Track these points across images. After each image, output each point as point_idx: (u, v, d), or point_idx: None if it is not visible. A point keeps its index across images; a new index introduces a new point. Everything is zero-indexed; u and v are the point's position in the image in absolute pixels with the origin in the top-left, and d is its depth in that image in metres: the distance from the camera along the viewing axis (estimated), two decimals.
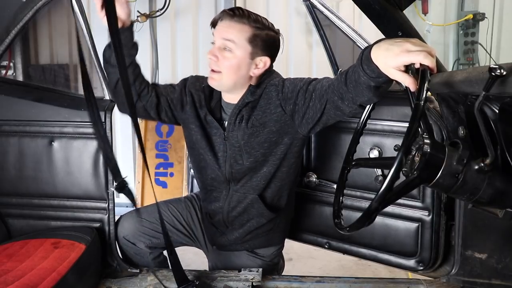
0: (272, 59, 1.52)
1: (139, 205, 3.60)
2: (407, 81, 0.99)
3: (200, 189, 1.76)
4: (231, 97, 1.54)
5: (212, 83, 1.49)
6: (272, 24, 1.51)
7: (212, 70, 1.47)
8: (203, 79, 1.60)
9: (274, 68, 1.59)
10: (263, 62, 1.48)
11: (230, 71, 1.45)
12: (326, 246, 1.83)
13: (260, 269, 1.64)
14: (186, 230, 1.78)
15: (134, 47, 1.52)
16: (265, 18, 1.50)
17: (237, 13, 1.44)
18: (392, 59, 1.01)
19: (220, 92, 1.58)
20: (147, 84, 1.59)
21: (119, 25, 1.39)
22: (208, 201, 1.69)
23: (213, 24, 1.48)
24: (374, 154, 1.65)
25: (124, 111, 1.59)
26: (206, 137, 1.58)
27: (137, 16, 3.65)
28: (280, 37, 1.53)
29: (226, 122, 1.55)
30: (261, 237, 1.67)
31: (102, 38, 1.48)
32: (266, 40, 1.46)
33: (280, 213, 1.65)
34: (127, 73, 1.30)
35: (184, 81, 1.64)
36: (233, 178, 1.58)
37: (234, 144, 1.53)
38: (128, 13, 1.45)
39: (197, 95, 1.59)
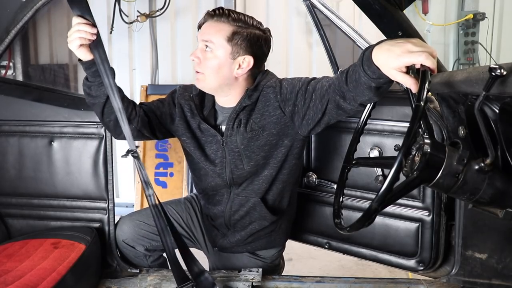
0: (258, 58, 1.45)
1: (139, 207, 3.61)
2: (409, 82, 0.99)
3: (200, 194, 1.75)
4: (226, 101, 1.52)
5: (198, 84, 1.48)
6: (260, 23, 1.46)
7: (197, 72, 1.46)
8: (192, 88, 1.58)
9: (274, 68, 1.58)
10: (246, 62, 1.43)
11: (212, 72, 1.43)
12: (326, 246, 1.83)
13: (260, 269, 1.64)
14: (186, 232, 1.77)
15: (111, 72, 1.39)
16: (251, 17, 1.45)
17: (217, 13, 1.42)
18: (394, 60, 1.00)
19: (213, 99, 1.56)
20: (133, 105, 1.53)
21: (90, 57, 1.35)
22: (209, 205, 1.68)
23: (199, 26, 1.47)
24: (374, 154, 1.65)
25: (120, 137, 1.53)
26: (200, 148, 1.56)
27: (137, 16, 3.66)
28: (270, 36, 1.48)
29: (224, 127, 1.53)
30: (263, 239, 1.66)
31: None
32: (248, 39, 1.41)
33: (282, 214, 1.65)
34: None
35: (172, 93, 1.63)
36: (234, 183, 1.57)
37: (234, 149, 1.51)
38: (86, 51, 1.34)
39: (187, 105, 1.56)
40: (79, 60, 1.38)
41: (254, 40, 1.43)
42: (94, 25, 1.31)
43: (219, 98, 1.54)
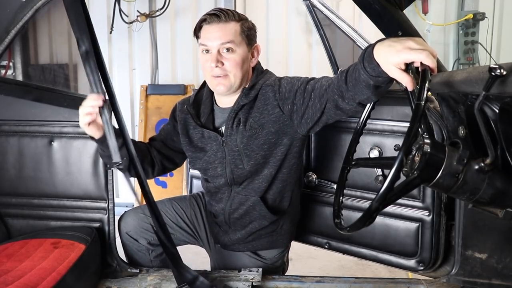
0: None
1: (139, 203, 3.61)
2: (405, 80, 0.99)
3: (204, 191, 1.77)
4: (226, 101, 1.55)
5: (222, 89, 1.49)
6: (243, 14, 1.55)
7: (218, 76, 1.47)
8: (187, 100, 1.65)
9: (274, 68, 1.60)
10: (256, 50, 1.55)
11: (236, 69, 1.47)
12: (326, 246, 1.83)
13: (260, 269, 1.64)
14: (190, 229, 1.78)
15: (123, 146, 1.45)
16: (237, 12, 1.54)
17: (222, 14, 1.46)
18: (393, 56, 1.00)
19: (209, 104, 1.59)
20: (150, 154, 1.66)
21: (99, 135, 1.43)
22: (211, 202, 1.70)
23: (197, 32, 1.49)
24: (374, 154, 1.65)
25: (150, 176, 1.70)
26: (200, 158, 1.61)
27: (137, 16, 3.66)
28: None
29: (223, 128, 1.55)
30: (264, 238, 1.66)
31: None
32: (251, 29, 1.52)
33: (283, 215, 1.65)
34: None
35: (173, 111, 1.70)
36: (235, 182, 1.59)
37: (233, 149, 1.53)
38: (101, 132, 1.42)
39: (187, 118, 1.62)
40: (91, 137, 1.45)
41: (253, 29, 1.54)
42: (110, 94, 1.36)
43: (221, 100, 1.57)
